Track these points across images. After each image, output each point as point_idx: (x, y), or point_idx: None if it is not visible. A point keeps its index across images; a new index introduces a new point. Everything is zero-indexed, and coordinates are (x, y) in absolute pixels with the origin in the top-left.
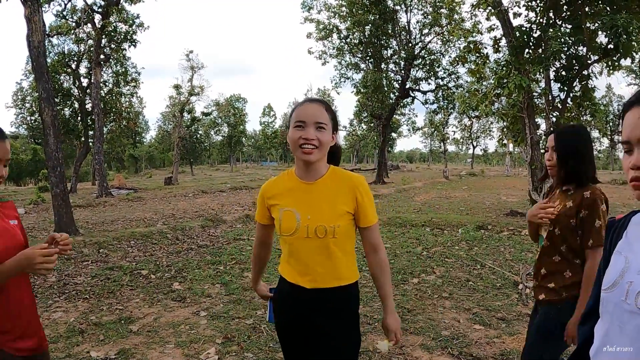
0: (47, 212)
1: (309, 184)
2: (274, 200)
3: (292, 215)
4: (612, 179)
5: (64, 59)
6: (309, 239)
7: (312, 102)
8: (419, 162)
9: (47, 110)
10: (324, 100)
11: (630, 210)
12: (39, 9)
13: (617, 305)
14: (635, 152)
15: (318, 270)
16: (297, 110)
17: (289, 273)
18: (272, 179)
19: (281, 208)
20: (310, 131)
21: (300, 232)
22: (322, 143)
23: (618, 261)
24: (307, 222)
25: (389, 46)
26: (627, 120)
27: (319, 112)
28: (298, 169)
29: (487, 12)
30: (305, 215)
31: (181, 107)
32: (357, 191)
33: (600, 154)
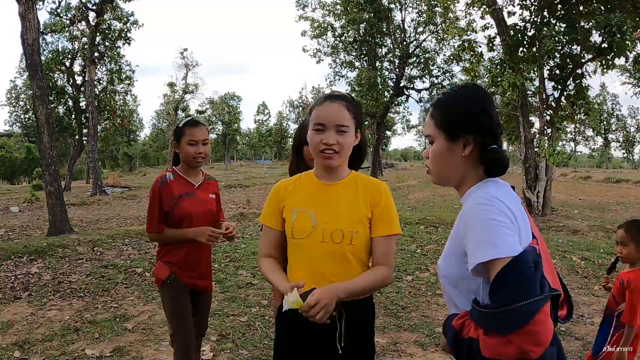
0: (41, 211)
1: (329, 185)
2: (289, 201)
3: (307, 217)
4: (606, 178)
5: (58, 56)
6: (324, 243)
7: (332, 101)
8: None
9: (41, 108)
10: (346, 95)
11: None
12: (33, 7)
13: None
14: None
15: (332, 279)
16: (317, 111)
17: (296, 279)
18: (288, 178)
19: (296, 209)
20: (331, 135)
21: (316, 236)
22: (344, 147)
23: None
24: (323, 225)
25: (383, 44)
26: None
27: (340, 114)
28: (317, 169)
29: (482, 11)
30: (322, 217)
31: (175, 105)
32: (378, 195)
33: (594, 153)
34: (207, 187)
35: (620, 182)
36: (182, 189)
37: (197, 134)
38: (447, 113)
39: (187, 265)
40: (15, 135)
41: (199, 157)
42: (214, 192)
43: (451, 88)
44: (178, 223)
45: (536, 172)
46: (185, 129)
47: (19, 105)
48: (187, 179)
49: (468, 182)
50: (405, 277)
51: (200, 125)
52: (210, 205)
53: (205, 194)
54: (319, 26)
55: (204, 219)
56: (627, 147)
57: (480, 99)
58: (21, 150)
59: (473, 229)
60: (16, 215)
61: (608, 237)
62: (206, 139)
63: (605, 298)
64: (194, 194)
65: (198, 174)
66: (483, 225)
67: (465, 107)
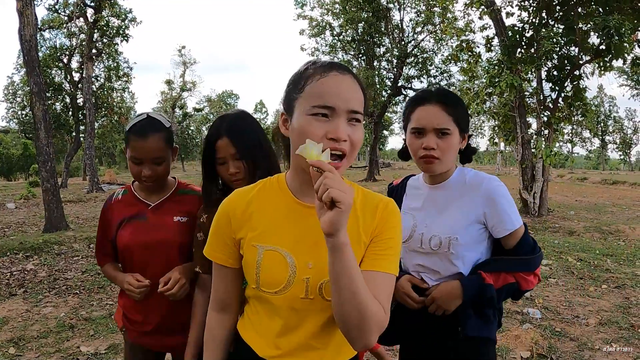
0: (38, 207)
1: (311, 208)
2: (249, 230)
3: (280, 260)
4: (603, 179)
5: (55, 53)
6: (309, 300)
7: (343, 74)
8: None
9: (38, 105)
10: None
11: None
12: (31, 3)
13: (414, 251)
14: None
15: (313, 344)
16: (320, 84)
17: (256, 343)
18: (242, 189)
19: (261, 245)
20: (341, 125)
21: (295, 289)
22: (355, 145)
23: (407, 218)
24: (307, 274)
25: (381, 44)
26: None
27: (354, 93)
28: (294, 179)
29: (480, 11)
30: (303, 260)
31: (173, 102)
32: (385, 216)
33: (591, 154)
34: (174, 206)
35: (617, 183)
36: (128, 211)
37: (143, 149)
38: (461, 111)
39: (135, 313)
40: (12, 132)
41: (144, 181)
42: (188, 211)
43: (444, 88)
44: (120, 260)
45: (533, 173)
46: (129, 138)
47: (16, 101)
48: (140, 198)
49: (450, 169)
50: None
51: (149, 135)
52: (170, 234)
53: (165, 217)
54: (317, 25)
55: (157, 255)
56: (624, 149)
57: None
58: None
59: (501, 202)
60: (12, 211)
61: (604, 238)
62: (159, 156)
63: (601, 299)
64: (145, 217)
65: (163, 188)
66: (509, 200)
67: (466, 108)
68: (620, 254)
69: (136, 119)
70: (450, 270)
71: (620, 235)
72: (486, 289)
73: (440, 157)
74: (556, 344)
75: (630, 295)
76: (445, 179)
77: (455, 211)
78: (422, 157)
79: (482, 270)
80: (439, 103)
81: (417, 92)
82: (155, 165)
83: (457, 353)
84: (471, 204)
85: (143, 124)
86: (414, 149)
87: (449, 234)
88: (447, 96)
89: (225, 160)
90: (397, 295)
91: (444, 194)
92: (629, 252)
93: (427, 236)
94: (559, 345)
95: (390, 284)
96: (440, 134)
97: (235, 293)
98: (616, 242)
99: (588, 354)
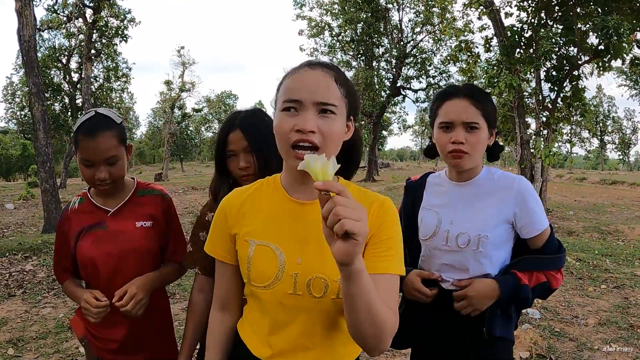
0: (37, 208)
1: (304, 205)
2: (242, 226)
3: (270, 254)
4: (602, 179)
5: (54, 53)
6: (297, 296)
7: (314, 68)
8: (409, 160)
9: (37, 105)
10: (334, 65)
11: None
12: (30, 3)
13: (438, 249)
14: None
15: (304, 344)
16: (290, 80)
17: (252, 342)
18: (240, 188)
19: (253, 240)
20: (308, 117)
21: (283, 285)
22: (326, 136)
23: (430, 215)
24: (295, 269)
25: (380, 44)
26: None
27: (323, 85)
28: (285, 177)
29: (479, 12)
30: (292, 256)
31: (172, 103)
32: (379, 216)
33: (590, 154)
34: (135, 210)
35: (616, 183)
36: (86, 220)
37: (94, 150)
38: (489, 106)
39: (102, 329)
40: (11, 132)
41: (99, 185)
42: (151, 215)
43: (472, 84)
44: (83, 274)
45: (532, 173)
46: (78, 139)
47: (15, 102)
48: (98, 204)
49: (478, 166)
50: None
51: (99, 133)
52: (135, 241)
53: (127, 223)
54: (316, 25)
55: (125, 266)
56: (623, 149)
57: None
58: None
59: (532, 202)
60: (11, 212)
61: (603, 238)
62: (112, 156)
63: (600, 299)
64: (105, 226)
65: (121, 191)
66: (538, 200)
67: (494, 103)
68: (619, 254)
69: (83, 117)
70: (476, 270)
71: (619, 235)
72: (522, 289)
73: (469, 152)
74: (555, 344)
75: (629, 295)
76: (473, 177)
77: (485, 209)
78: (450, 151)
79: (516, 270)
80: (467, 97)
81: (444, 87)
82: (109, 166)
83: (477, 353)
84: (502, 203)
85: (91, 122)
86: (442, 144)
87: (479, 232)
88: (475, 90)
89: (235, 153)
90: (406, 291)
91: (472, 192)
92: (628, 252)
93: (454, 233)
94: (558, 345)
95: (396, 284)
96: (469, 128)
97: (234, 291)
98: (615, 242)
99: (587, 354)
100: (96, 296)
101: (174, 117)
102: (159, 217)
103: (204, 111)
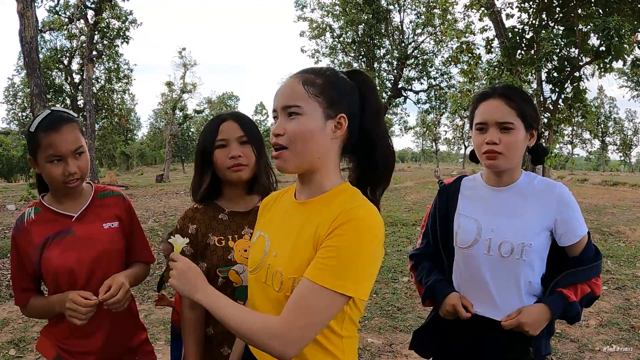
0: None
1: (299, 203)
2: (261, 219)
3: (262, 243)
4: (603, 180)
5: (56, 54)
6: (267, 286)
7: (290, 77)
8: (410, 161)
9: (39, 106)
10: (312, 68)
11: (458, 175)
12: (32, 5)
13: (479, 257)
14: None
15: None
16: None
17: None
18: (275, 192)
19: (258, 231)
20: (278, 123)
21: (261, 272)
22: (290, 135)
23: (469, 223)
24: (270, 260)
25: (381, 46)
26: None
27: (288, 91)
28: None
29: (480, 13)
30: (273, 247)
31: (173, 104)
32: (339, 225)
33: (591, 156)
34: (100, 212)
35: (617, 185)
36: (49, 229)
37: (61, 143)
38: (526, 106)
39: (77, 341)
40: (12, 133)
41: (70, 180)
42: (116, 216)
43: (509, 84)
44: (52, 286)
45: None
46: (40, 137)
47: (17, 103)
48: (58, 211)
49: (518, 169)
50: (401, 279)
51: (63, 124)
52: (105, 243)
53: (94, 226)
54: (317, 27)
55: (98, 271)
56: (624, 150)
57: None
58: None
59: (573, 209)
60: (13, 213)
61: (604, 239)
62: (79, 146)
63: (601, 301)
64: (72, 231)
65: (81, 195)
66: (577, 206)
67: (533, 103)
68: (621, 255)
69: (39, 117)
70: (519, 278)
71: (621, 236)
72: (572, 307)
73: (503, 152)
74: (556, 345)
75: (630, 296)
76: (512, 182)
77: (528, 216)
78: (484, 152)
79: (562, 288)
80: (502, 97)
81: (481, 89)
82: (77, 158)
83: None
84: (543, 210)
85: (50, 118)
86: (477, 145)
87: (522, 240)
88: (511, 90)
89: (226, 143)
90: (442, 309)
91: (512, 198)
92: (629, 253)
93: (497, 242)
94: (560, 346)
95: (316, 297)
96: (503, 128)
97: None
98: (616, 243)
99: (588, 355)
100: (83, 295)
101: (175, 118)
102: (124, 217)
103: (206, 112)
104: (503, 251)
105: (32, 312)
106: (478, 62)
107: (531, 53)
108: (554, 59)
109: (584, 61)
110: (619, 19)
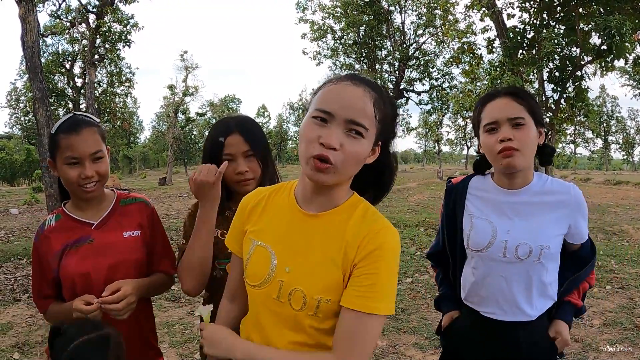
0: (41, 213)
1: (308, 216)
2: (252, 223)
3: (265, 257)
4: (606, 179)
5: (58, 59)
6: (279, 303)
7: (357, 85)
8: (413, 162)
9: (41, 111)
10: (379, 86)
11: (467, 175)
12: (34, 9)
13: (494, 260)
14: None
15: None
16: (328, 90)
17: (242, 332)
18: (262, 188)
19: (255, 240)
20: (334, 132)
21: (270, 288)
22: (348, 156)
23: (483, 225)
24: (282, 277)
25: (383, 47)
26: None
27: (360, 104)
28: (299, 186)
29: (481, 13)
30: (283, 263)
31: (175, 107)
32: (372, 253)
33: (594, 155)
34: (121, 220)
35: (620, 184)
36: (69, 236)
37: (80, 144)
38: (534, 104)
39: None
40: (15, 138)
41: (87, 184)
42: (138, 224)
43: (511, 86)
44: (69, 293)
45: None
46: (59, 139)
47: (19, 107)
48: (78, 218)
49: (531, 170)
50: (405, 280)
51: (83, 127)
52: (124, 253)
53: (114, 234)
54: (318, 29)
55: (115, 279)
56: (627, 149)
57: None
58: (21, 152)
59: (584, 214)
60: (16, 217)
61: (608, 238)
62: (98, 150)
63: (605, 300)
64: (91, 239)
65: (102, 202)
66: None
67: (537, 102)
68: (624, 254)
69: (61, 120)
70: (535, 281)
71: (624, 235)
72: (581, 311)
73: (519, 149)
74: None
75: (634, 295)
76: (526, 184)
77: (544, 218)
78: (500, 151)
79: (569, 297)
80: (508, 95)
81: (486, 92)
82: (95, 163)
83: None
84: (560, 213)
85: (71, 121)
86: (489, 146)
87: (541, 243)
88: (516, 88)
89: (233, 157)
90: (443, 325)
91: (526, 200)
92: (632, 252)
93: (513, 244)
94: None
95: (362, 325)
96: (515, 124)
97: (244, 285)
98: (620, 242)
99: (592, 354)
100: (86, 300)
101: (177, 121)
102: (146, 225)
103: (208, 115)
104: (520, 253)
105: (52, 317)
106: (480, 62)
107: (532, 53)
108: (555, 59)
109: (585, 60)
110: (620, 17)
